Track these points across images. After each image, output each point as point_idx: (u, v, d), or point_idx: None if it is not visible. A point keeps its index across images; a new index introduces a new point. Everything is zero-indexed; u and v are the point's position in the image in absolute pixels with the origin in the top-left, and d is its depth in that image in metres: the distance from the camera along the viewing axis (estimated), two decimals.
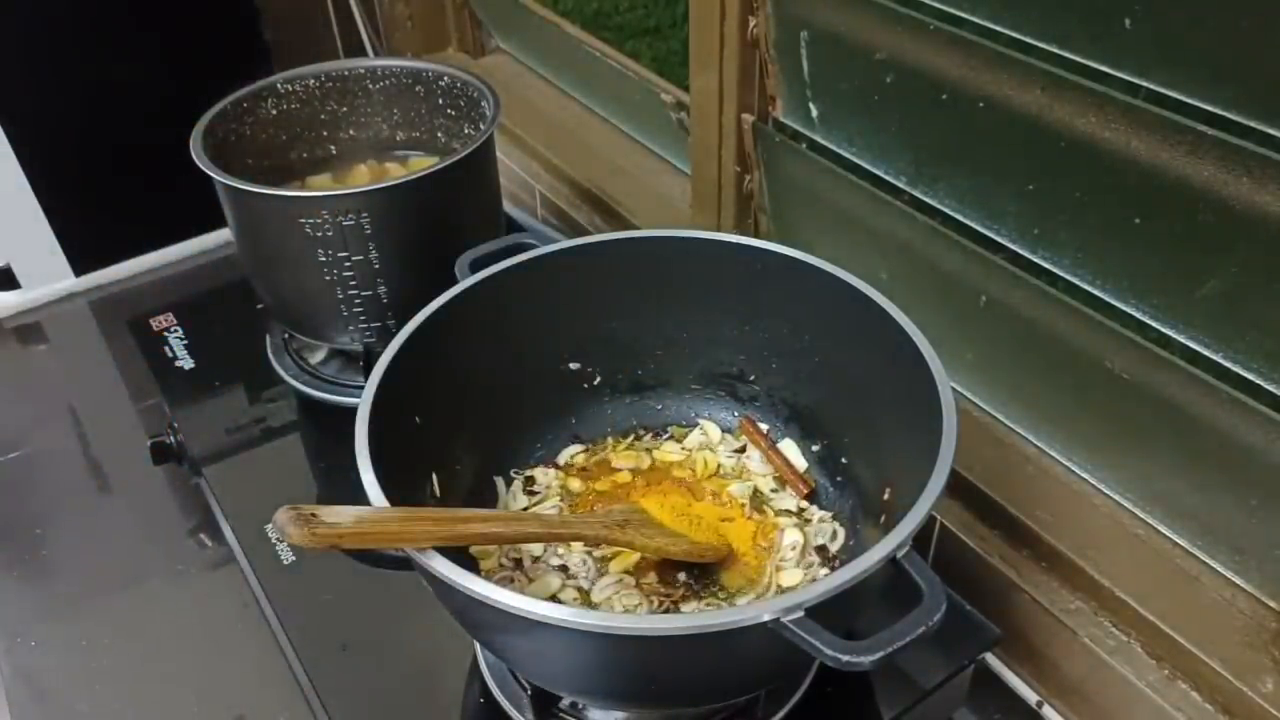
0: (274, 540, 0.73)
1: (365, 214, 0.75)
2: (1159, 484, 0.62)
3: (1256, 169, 0.49)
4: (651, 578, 0.63)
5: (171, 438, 0.84)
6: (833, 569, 0.64)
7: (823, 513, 0.67)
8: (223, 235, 1.07)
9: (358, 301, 0.79)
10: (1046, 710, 0.68)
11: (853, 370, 0.65)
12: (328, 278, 0.78)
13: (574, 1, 1.46)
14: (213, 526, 0.79)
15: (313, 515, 0.46)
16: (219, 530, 0.78)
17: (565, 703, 0.61)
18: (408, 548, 0.49)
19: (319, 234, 0.75)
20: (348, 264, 0.77)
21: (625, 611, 0.61)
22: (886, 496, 0.61)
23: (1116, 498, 0.65)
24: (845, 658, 0.43)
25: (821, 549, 0.65)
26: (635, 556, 0.63)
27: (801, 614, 0.44)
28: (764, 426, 0.72)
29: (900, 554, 0.47)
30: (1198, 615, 0.60)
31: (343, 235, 0.75)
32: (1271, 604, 0.58)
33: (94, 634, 0.73)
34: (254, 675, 0.69)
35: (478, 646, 0.65)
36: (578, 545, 0.64)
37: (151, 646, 0.73)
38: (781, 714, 0.61)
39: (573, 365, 0.72)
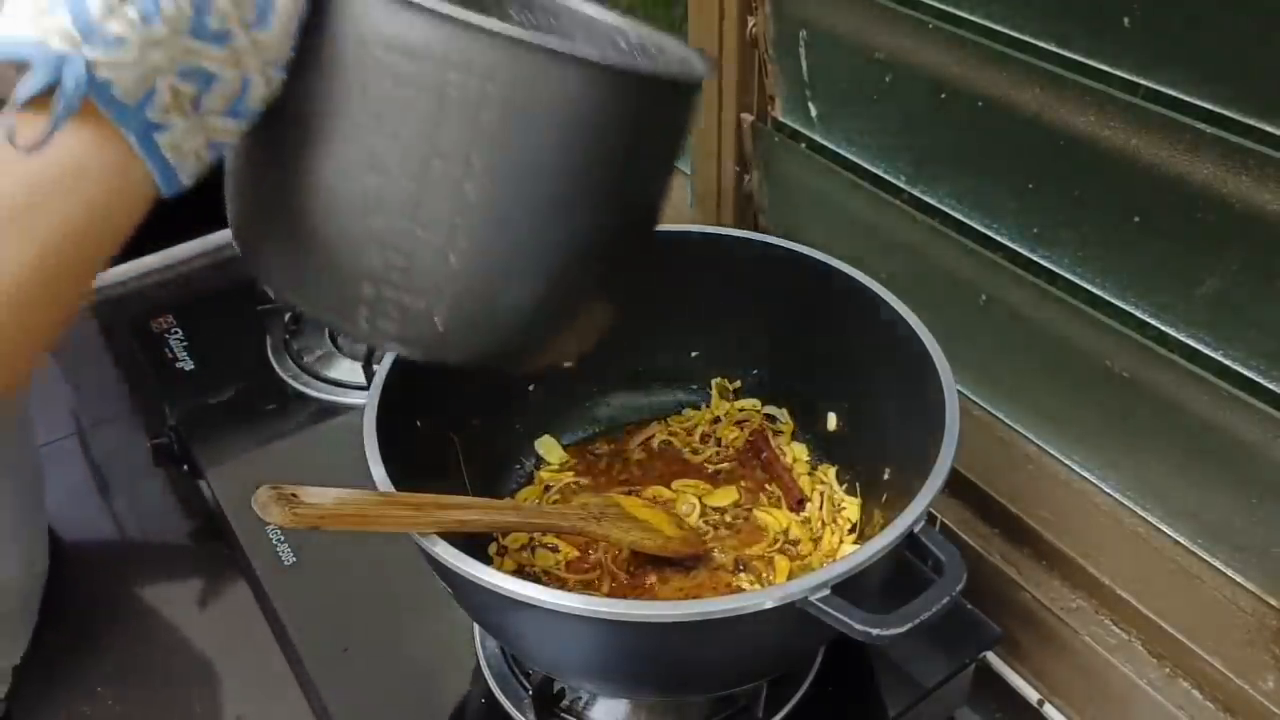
0: (275, 541, 0.73)
1: None
2: (1159, 482, 0.62)
3: (1256, 167, 0.49)
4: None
5: (172, 439, 0.84)
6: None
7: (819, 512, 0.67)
8: (223, 236, 1.07)
9: None
10: (1048, 709, 0.68)
11: (849, 358, 0.65)
12: None
13: None
14: (213, 527, 0.79)
15: (294, 495, 0.46)
16: (219, 531, 0.78)
17: (566, 702, 0.61)
18: (388, 530, 0.49)
19: None
20: None
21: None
22: (887, 476, 0.62)
23: (1117, 496, 0.65)
24: (876, 631, 0.44)
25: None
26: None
27: (828, 591, 0.45)
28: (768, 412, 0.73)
29: (917, 528, 0.48)
30: (1198, 613, 0.60)
31: None
32: (1272, 601, 0.58)
33: (94, 635, 0.73)
34: (254, 675, 0.69)
35: (479, 647, 0.65)
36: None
37: (152, 647, 0.73)
38: (783, 713, 0.61)
39: (565, 363, 0.72)
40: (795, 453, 0.71)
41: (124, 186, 0.37)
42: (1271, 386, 0.53)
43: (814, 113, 0.76)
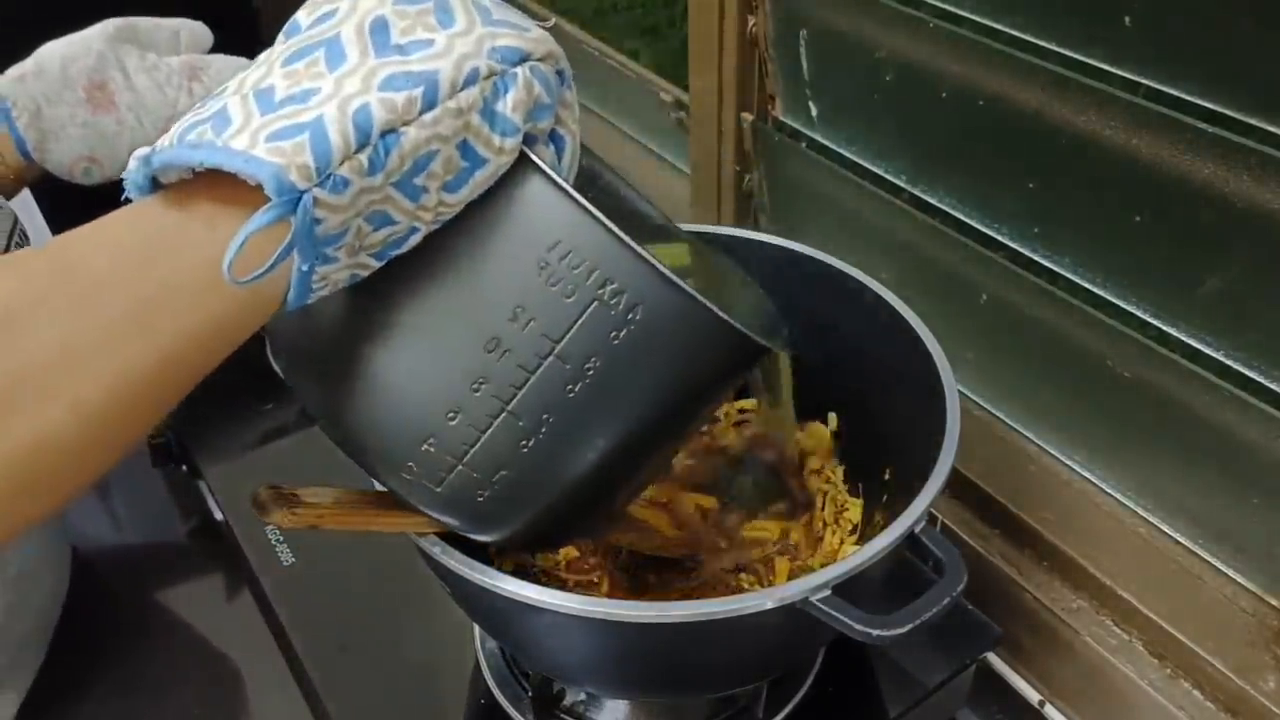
0: (274, 541, 0.72)
1: None
2: (1160, 482, 0.62)
3: (1257, 166, 0.49)
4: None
5: (171, 439, 0.84)
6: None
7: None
8: None
9: None
10: (1048, 709, 0.68)
11: (850, 357, 0.65)
12: None
13: (574, 1, 1.46)
14: (213, 527, 0.79)
15: (292, 495, 0.46)
16: (218, 531, 0.78)
17: (567, 702, 0.61)
18: (387, 530, 0.49)
19: None
20: None
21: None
22: (887, 476, 0.62)
23: (1118, 496, 0.65)
24: (876, 632, 0.44)
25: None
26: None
27: (829, 592, 0.45)
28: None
29: (918, 528, 0.48)
30: (1200, 613, 0.60)
31: None
32: (1274, 602, 0.58)
33: (92, 634, 0.73)
34: (254, 675, 0.69)
35: (478, 647, 0.65)
36: None
37: (150, 647, 0.73)
38: (784, 713, 0.61)
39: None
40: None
41: (257, 301, 0.36)
42: (1273, 386, 0.53)
43: (814, 112, 0.76)
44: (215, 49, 0.90)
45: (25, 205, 1.02)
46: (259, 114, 0.34)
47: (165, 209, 0.35)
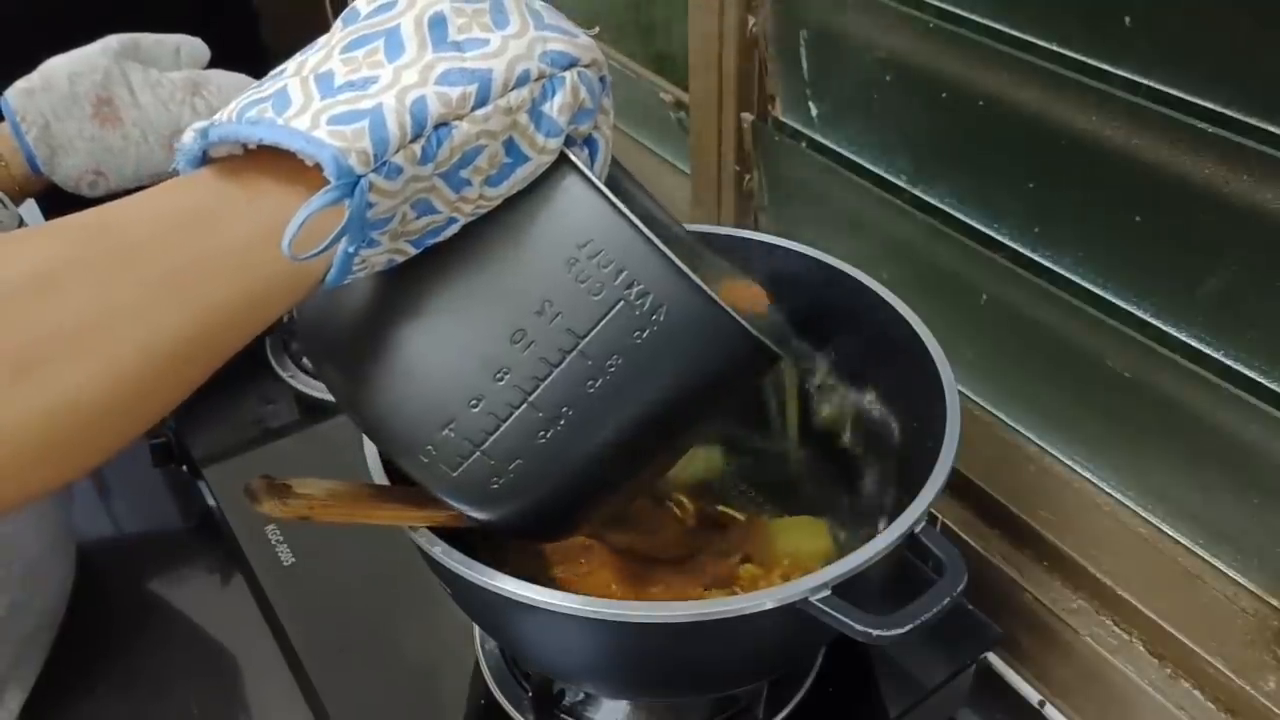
0: (274, 541, 0.73)
1: None
2: (1161, 482, 0.62)
3: (1257, 167, 0.49)
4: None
5: (171, 439, 0.84)
6: None
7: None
8: None
9: None
10: (1049, 710, 0.68)
11: (849, 357, 0.65)
12: None
13: (574, 1, 1.46)
14: (213, 527, 0.79)
15: (285, 485, 0.46)
16: (219, 531, 0.78)
17: (566, 702, 0.61)
18: (379, 523, 0.49)
19: None
20: None
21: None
22: (887, 477, 0.62)
23: (1118, 496, 0.65)
24: (876, 631, 0.44)
25: None
26: None
27: (829, 592, 0.45)
28: None
29: (918, 528, 0.48)
30: (1200, 614, 0.60)
31: None
32: (1274, 602, 0.58)
33: (91, 635, 0.73)
34: (254, 675, 0.69)
35: (478, 647, 0.65)
36: None
37: (150, 647, 0.73)
38: (784, 713, 0.61)
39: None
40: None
41: (293, 278, 0.36)
42: (1273, 386, 0.53)
43: (814, 112, 0.76)
44: (215, 51, 0.91)
45: (27, 207, 1.01)
46: (319, 97, 0.35)
47: (209, 183, 0.36)
